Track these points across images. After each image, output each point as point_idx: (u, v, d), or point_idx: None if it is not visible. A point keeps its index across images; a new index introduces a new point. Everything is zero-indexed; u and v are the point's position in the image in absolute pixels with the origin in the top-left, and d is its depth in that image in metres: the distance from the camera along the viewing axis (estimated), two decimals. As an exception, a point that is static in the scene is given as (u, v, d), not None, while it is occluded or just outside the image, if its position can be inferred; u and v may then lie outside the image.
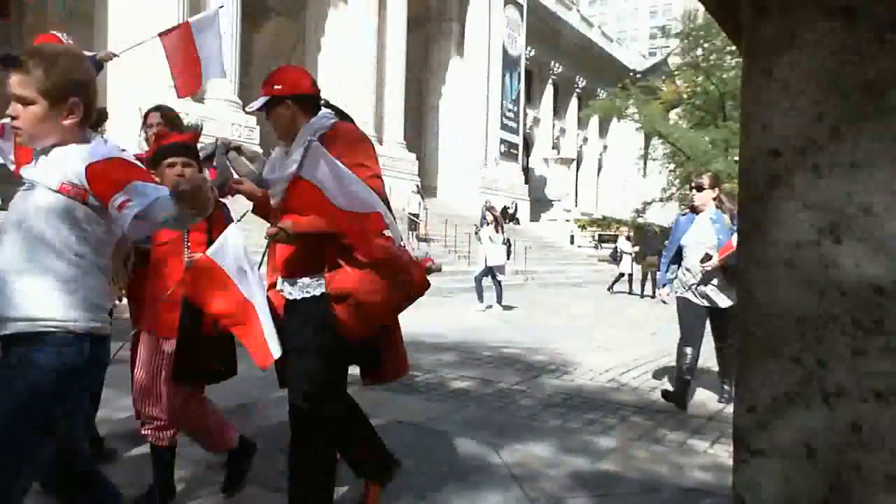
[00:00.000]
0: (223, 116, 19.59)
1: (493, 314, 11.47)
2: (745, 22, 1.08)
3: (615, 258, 18.29)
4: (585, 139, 48.38)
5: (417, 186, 23.32)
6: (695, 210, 5.24)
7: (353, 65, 24.80)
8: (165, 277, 2.87)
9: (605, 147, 50.68)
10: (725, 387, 5.14)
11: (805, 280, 0.96)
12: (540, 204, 35.50)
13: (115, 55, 4.32)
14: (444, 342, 7.65)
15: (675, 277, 5.25)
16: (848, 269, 0.93)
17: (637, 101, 34.71)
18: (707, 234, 5.01)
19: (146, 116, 3.98)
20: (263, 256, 3.23)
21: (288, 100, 2.61)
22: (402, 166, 25.99)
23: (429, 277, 2.73)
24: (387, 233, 2.41)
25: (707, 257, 4.91)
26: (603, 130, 49.50)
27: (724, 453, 3.87)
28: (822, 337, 0.95)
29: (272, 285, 2.80)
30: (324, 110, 2.68)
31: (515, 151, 35.32)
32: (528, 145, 40.55)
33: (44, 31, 4.37)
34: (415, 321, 9.38)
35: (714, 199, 5.12)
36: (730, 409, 4.48)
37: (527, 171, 38.97)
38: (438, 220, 22.05)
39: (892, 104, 0.93)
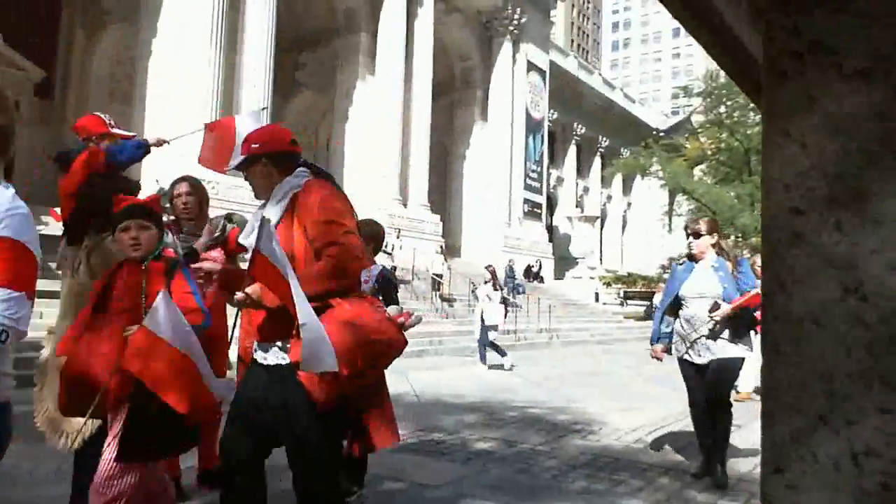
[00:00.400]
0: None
1: (509, 372, 11.33)
2: (764, 84, 1.09)
3: (649, 315, 18.10)
4: (609, 197, 48.57)
5: (441, 247, 23.46)
6: (693, 258, 4.86)
7: (380, 132, 25.38)
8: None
9: (628, 204, 50.79)
10: (718, 466, 4.51)
11: (831, 338, 0.95)
12: (564, 262, 35.47)
13: (165, 142, 4.41)
14: (466, 402, 7.55)
15: (671, 332, 4.84)
16: (874, 327, 0.92)
17: (660, 159, 34.91)
18: (710, 283, 4.63)
19: (173, 187, 4.07)
20: (236, 320, 3.24)
21: (264, 157, 2.57)
22: (425, 227, 26.23)
23: (412, 332, 2.67)
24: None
25: (716, 306, 4.51)
26: (626, 188, 49.70)
27: (756, 516, 3.73)
28: (849, 395, 0.93)
29: (246, 348, 2.72)
30: (299, 168, 2.62)
31: (539, 210, 35.55)
32: (551, 204, 40.82)
33: (85, 110, 4.50)
34: (437, 381, 9.34)
35: (713, 245, 4.75)
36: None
37: (551, 229, 39.13)
38: (462, 280, 22.10)
39: (912, 162, 0.93)
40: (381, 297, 4.04)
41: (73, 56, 24.38)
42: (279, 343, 2.47)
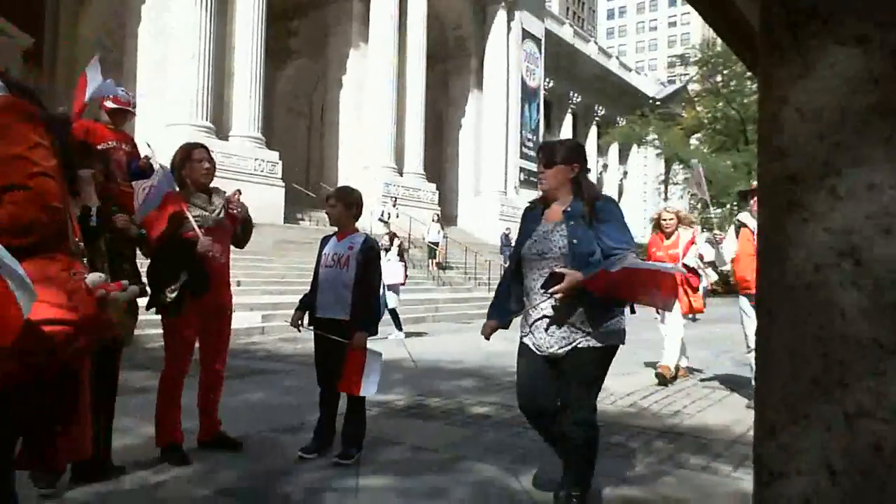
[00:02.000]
0: (246, 153, 19.91)
1: (506, 339, 11.35)
2: (761, 52, 1.10)
3: None
4: (605, 166, 48.42)
5: (437, 216, 23.43)
6: (545, 201, 3.24)
7: (374, 100, 25.19)
8: None
9: (625, 173, 50.67)
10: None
11: (826, 302, 0.96)
12: (560, 231, 35.45)
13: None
14: (464, 367, 7.62)
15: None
16: (868, 291, 0.94)
17: (657, 128, 34.75)
18: (552, 239, 3.08)
19: (188, 152, 4.07)
20: None
21: None
22: (421, 196, 26.19)
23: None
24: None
25: (553, 278, 2.90)
26: (623, 157, 49.54)
27: (747, 477, 3.79)
28: (842, 358, 0.95)
29: None
30: None
31: (534, 179, 35.42)
32: (547, 173, 40.62)
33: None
34: (434, 347, 9.39)
35: (571, 178, 3.12)
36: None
37: (547, 198, 39.03)
38: (458, 248, 22.16)
39: (908, 128, 0.94)
40: (363, 267, 4.08)
41: (60, 23, 24.04)
42: None
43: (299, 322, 4.24)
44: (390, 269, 10.94)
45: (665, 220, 7.33)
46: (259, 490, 3.48)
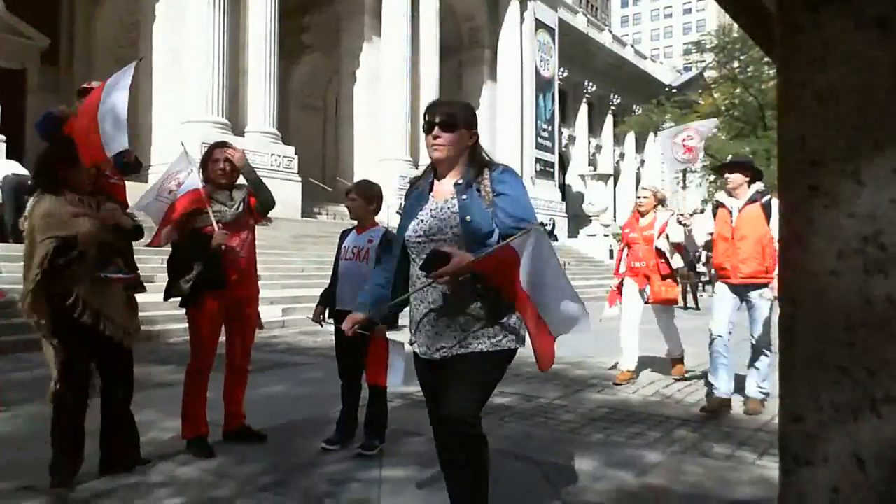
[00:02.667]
0: (262, 148, 20.01)
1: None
2: (779, 37, 1.08)
3: None
4: (622, 155, 48.14)
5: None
6: (435, 173, 2.67)
7: (388, 93, 25.21)
8: None
9: (642, 161, 50.35)
10: None
11: (851, 289, 0.96)
12: (578, 220, 35.33)
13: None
14: (485, 361, 7.62)
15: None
16: (894, 276, 0.93)
17: (673, 116, 34.47)
18: (441, 218, 2.51)
19: (212, 153, 4.13)
20: None
21: None
22: (437, 188, 26.15)
23: None
24: None
25: (436, 259, 2.35)
26: (640, 145, 49.23)
27: (772, 465, 3.78)
28: (869, 346, 0.94)
29: None
30: None
31: (551, 170, 35.36)
32: (564, 163, 40.53)
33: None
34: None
35: (472, 145, 2.57)
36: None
37: (564, 188, 38.93)
38: (476, 241, 22.14)
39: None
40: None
41: (76, 22, 24.24)
42: None
43: (321, 317, 4.27)
44: None
45: (640, 197, 6.70)
46: (284, 482, 3.52)
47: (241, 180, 4.26)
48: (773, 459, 3.87)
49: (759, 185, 5.26)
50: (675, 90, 44.99)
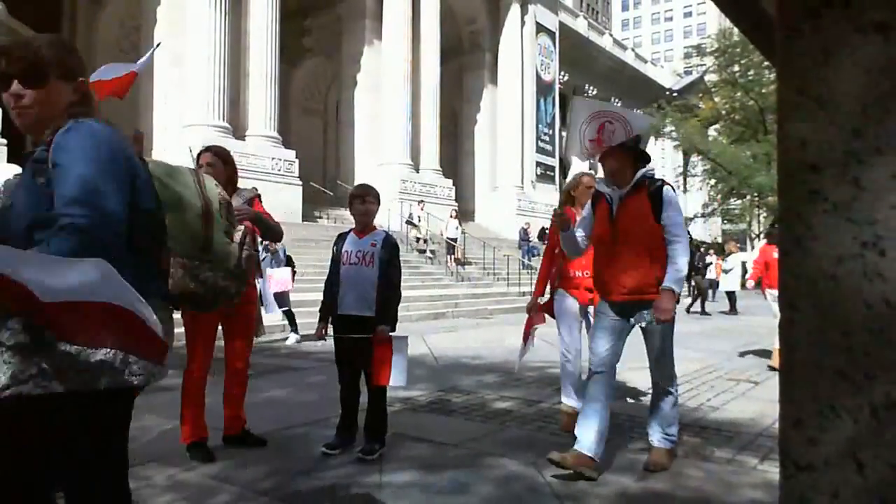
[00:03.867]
0: (263, 152, 20.03)
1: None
2: (778, 41, 1.08)
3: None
4: (622, 159, 48.16)
5: (455, 211, 23.44)
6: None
7: (389, 97, 25.25)
8: None
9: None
10: None
11: (850, 294, 0.96)
12: (578, 225, 35.34)
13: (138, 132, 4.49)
14: (485, 363, 7.63)
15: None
16: (893, 282, 0.93)
17: (674, 120, 34.50)
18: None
19: (199, 157, 4.10)
20: None
21: None
22: (438, 192, 26.22)
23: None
24: None
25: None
26: (640, 149, 49.26)
27: (773, 469, 3.77)
28: (869, 351, 0.94)
29: None
30: None
31: (552, 173, 35.39)
32: (564, 167, 40.53)
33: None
34: (454, 343, 9.41)
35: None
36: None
37: (564, 192, 38.90)
38: (476, 244, 22.17)
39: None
40: (387, 263, 4.10)
41: (78, 26, 24.29)
42: None
43: (324, 332, 4.25)
44: (279, 275, 9.76)
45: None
46: (284, 486, 3.51)
47: (241, 184, 4.25)
48: (774, 464, 3.87)
49: (647, 169, 3.89)
50: (675, 94, 45.07)
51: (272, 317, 10.77)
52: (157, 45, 4.46)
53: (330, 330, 4.23)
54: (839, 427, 0.96)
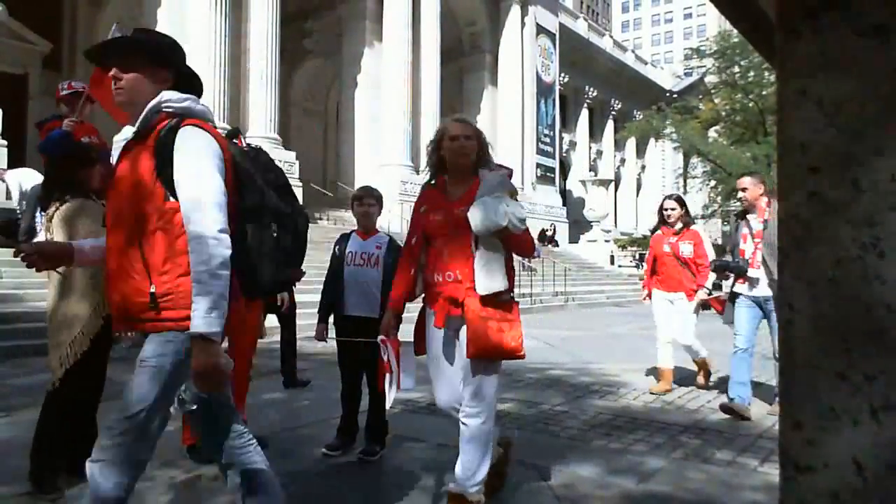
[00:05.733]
0: (263, 152, 20.01)
1: (526, 335, 11.34)
2: (778, 43, 1.08)
3: None
4: (623, 160, 48.18)
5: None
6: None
7: (389, 99, 25.26)
8: None
9: (642, 167, 50.39)
10: None
11: (850, 296, 0.95)
12: (579, 225, 35.38)
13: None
14: (486, 366, 7.61)
15: None
16: (893, 284, 0.92)
17: (674, 121, 34.51)
18: None
19: None
20: None
21: None
22: (439, 193, 26.19)
23: None
24: None
25: None
26: (640, 151, 49.27)
27: (774, 471, 3.77)
28: (868, 353, 0.94)
29: None
30: None
31: (552, 175, 35.41)
32: (565, 168, 40.59)
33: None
34: (456, 347, 9.37)
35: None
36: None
37: (564, 193, 38.96)
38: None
39: (931, 118, 0.93)
40: (393, 266, 4.08)
41: (78, 28, 24.32)
42: None
43: (325, 333, 4.25)
44: None
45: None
46: (285, 488, 3.50)
47: None
48: (775, 466, 3.86)
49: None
50: (675, 95, 45.08)
51: (272, 317, 10.74)
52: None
53: (332, 332, 4.22)
54: (839, 429, 0.95)
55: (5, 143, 14.54)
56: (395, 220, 20.84)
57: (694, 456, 4.15)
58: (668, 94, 44.98)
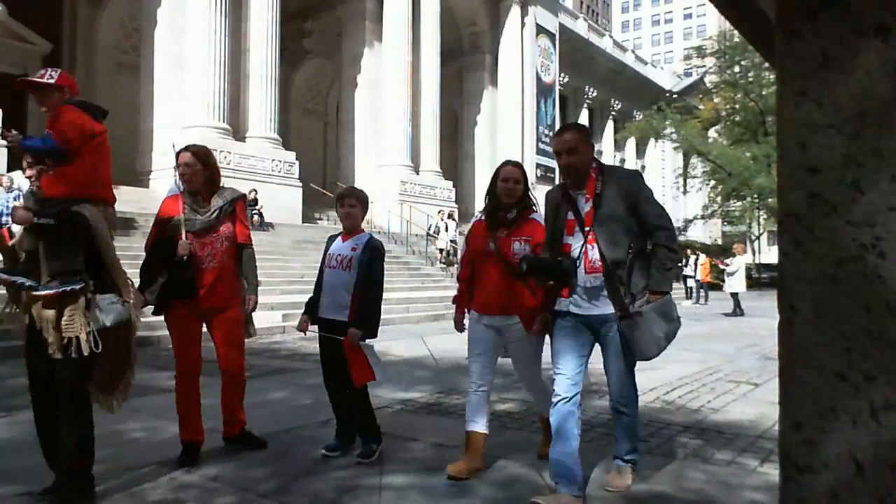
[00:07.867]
0: (264, 154, 20.04)
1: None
2: (778, 44, 1.08)
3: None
4: (623, 160, 48.15)
5: (451, 213, 23.44)
6: None
7: (389, 99, 25.26)
8: None
9: (643, 167, 50.36)
10: None
11: (850, 296, 0.96)
12: (578, 226, 35.34)
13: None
14: (486, 366, 7.61)
15: None
16: (893, 283, 0.93)
17: (674, 121, 34.51)
18: None
19: (177, 157, 4.06)
20: None
21: None
22: (437, 194, 26.25)
23: None
24: None
25: None
26: (640, 151, 49.27)
27: (774, 471, 3.77)
28: (868, 353, 0.94)
29: None
30: None
31: (552, 175, 35.40)
32: (564, 169, 40.51)
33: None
34: (454, 344, 9.37)
35: None
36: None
37: (564, 194, 38.92)
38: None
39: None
40: (368, 266, 4.07)
41: (78, 27, 24.31)
42: None
43: (307, 325, 4.27)
44: None
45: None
46: (285, 489, 3.51)
47: (241, 186, 4.24)
48: (775, 466, 3.86)
49: None
50: (675, 95, 45.07)
51: (271, 317, 10.77)
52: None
53: (316, 329, 4.24)
54: (839, 429, 0.96)
55: (5, 143, 14.55)
56: (395, 219, 20.89)
57: (694, 456, 4.15)
58: (668, 94, 44.95)
